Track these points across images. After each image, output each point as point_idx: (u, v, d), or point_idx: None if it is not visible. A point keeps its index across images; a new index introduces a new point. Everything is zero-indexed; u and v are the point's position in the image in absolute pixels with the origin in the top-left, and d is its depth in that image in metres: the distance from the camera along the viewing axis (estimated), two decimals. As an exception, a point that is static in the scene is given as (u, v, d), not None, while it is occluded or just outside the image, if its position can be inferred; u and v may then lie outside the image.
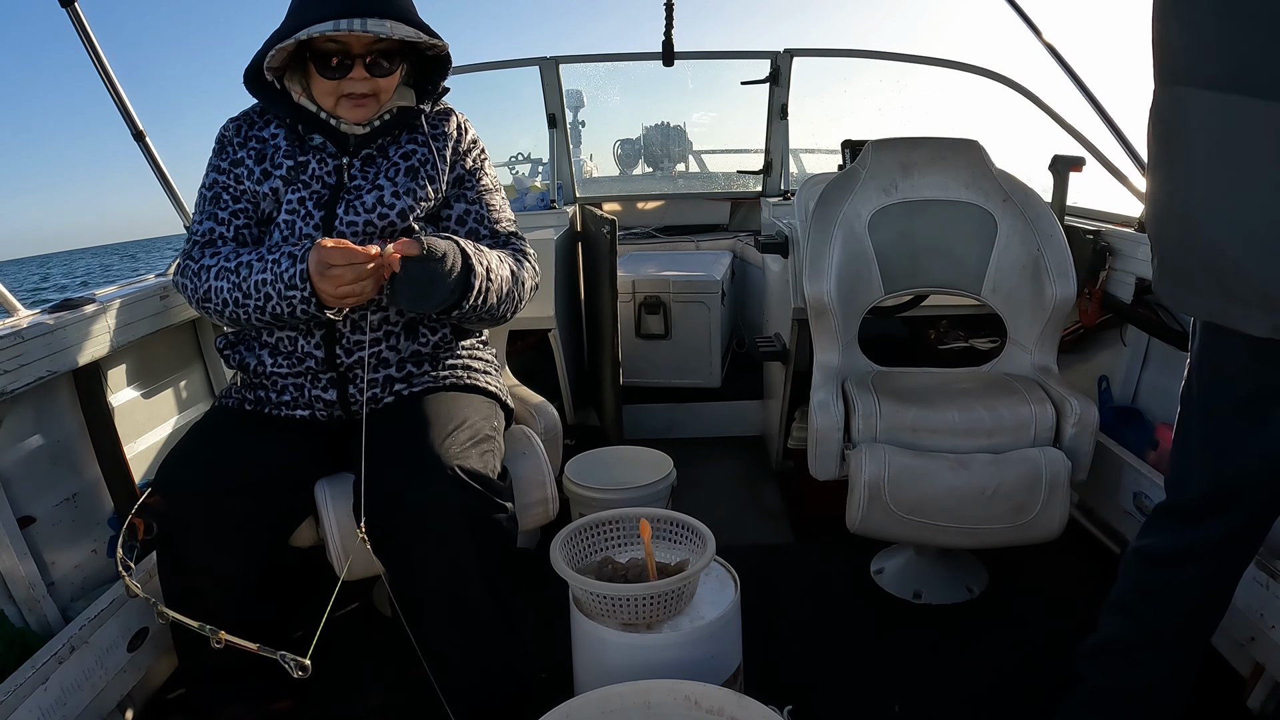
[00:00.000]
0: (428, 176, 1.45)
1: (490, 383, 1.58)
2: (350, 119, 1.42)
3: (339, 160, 1.44)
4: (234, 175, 1.46)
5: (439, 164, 1.46)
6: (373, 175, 1.43)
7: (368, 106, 1.41)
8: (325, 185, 1.42)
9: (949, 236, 1.94)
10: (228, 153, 1.47)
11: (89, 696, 1.36)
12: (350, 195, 1.42)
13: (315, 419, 1.49)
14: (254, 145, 1.46)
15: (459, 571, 1.30)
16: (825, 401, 1.73)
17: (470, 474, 1.30)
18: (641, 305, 2.99)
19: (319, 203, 1.41)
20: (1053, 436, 1.69)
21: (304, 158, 1.43)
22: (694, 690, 1.10)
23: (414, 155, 1.45)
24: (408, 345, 1.47)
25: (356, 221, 1.40)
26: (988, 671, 1.61)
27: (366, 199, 1.41)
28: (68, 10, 1.88)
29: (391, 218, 1.42)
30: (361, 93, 1.39)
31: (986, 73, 3.14)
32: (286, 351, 1.45)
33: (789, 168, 3.49)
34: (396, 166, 1.44)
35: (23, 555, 1.44)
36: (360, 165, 1.44)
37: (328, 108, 1.42)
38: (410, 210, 1.43)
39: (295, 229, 1.41)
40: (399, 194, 1.42)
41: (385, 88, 1.41)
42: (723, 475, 2.63)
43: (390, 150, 1.46)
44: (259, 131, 1.47)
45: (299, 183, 1.42)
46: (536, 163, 4.09)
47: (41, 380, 1.48)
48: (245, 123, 1.49)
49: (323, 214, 1.41)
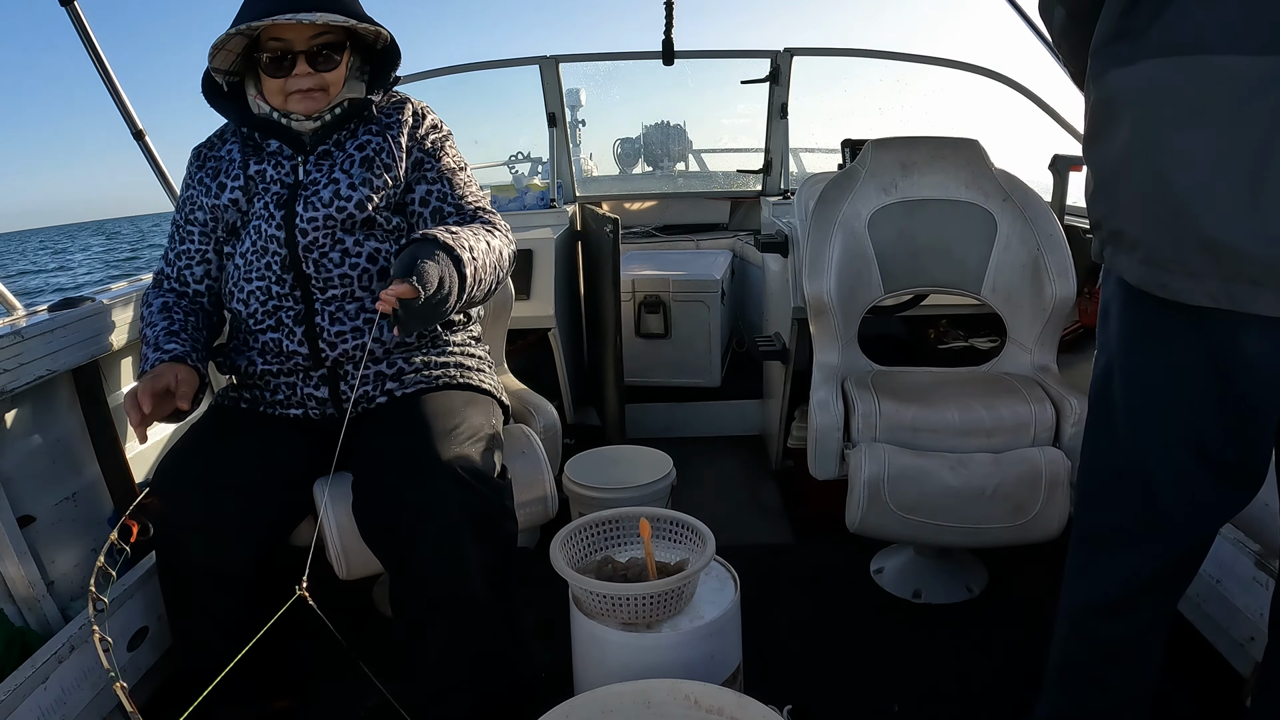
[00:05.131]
0: (383, 165, 1.46)
1: (485, 380, 1.58)
2: (300, 111, 1.43)
3: (294, 160, 1.46)
4: (193, 202, 1.51)
5: (394, 151, 1.47)
6: (328, 170, 1.45)
7: (316, 100, 1.43)
8: (284, 186, 1.45)
9: (949, 236, 1.94)
10: (190, 179, 1.53)
11: (89, 696, 1.36)
12: (307, 192, 1.43)
13: (309, 418, 1.49)
14: (211, 165, 1.50)
15: (459, 570, 1.30)
16: (825, 401, 1.73)
17: (469, 472, 1.30)
18: (641, 305, 2.99)
19: (279, 203, 1.43)
20: (1052, 436, 1.68)
21: (261, 165, 1.46)
22: (694, 690, 1.10)
23: (368, 146, 1.46)
24: (392, 337, 1.47)
25: (316, 217, 1.42)
26: (988, 671, 1.61)
27: (324, 194, 1.42)
28: (67, 9, 1.88)
29: (350, 210, 1.43)
30: (307, 87, 1.41)
31: (987, 72, 3.14)
32: (274, 352, 1.46)
33: (789, 167, 3.49)
34: (351, 159, 1.45)
35: (23, 555, 1.44)
36: (315, 161, 1.46)
37: (278, 105, 1.44)
38: (368, 200, 1.44)
39: (262, 232, 1.43)
40: (355, 185, 1.43)
41: (332, 80, 1.44)
42: (723, 475, 2.63)
43: (346, 144, 1.47)
44: (216, 151, 1.52)
45: (259, 189, 1.45)
46: (536, 162, 4.09)
47: (41, 380, 1.48)
48: (206, 146, 1.54)
49: (283, 213, 1.43)
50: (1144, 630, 1.09)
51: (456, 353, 1.58)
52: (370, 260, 1.45)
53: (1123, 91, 0.92)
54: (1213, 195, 0.86)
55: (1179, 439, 0.99)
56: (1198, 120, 0.86)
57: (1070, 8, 1.05)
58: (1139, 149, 0.91)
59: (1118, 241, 0.98)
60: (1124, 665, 1.11)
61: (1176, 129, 0.87)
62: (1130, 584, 1.07)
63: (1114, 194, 0.96)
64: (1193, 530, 1.04)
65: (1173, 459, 1.00)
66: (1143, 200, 0.92)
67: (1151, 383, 1.00)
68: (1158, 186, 0.89)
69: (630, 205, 3.83)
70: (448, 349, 1.57)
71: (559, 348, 2.49)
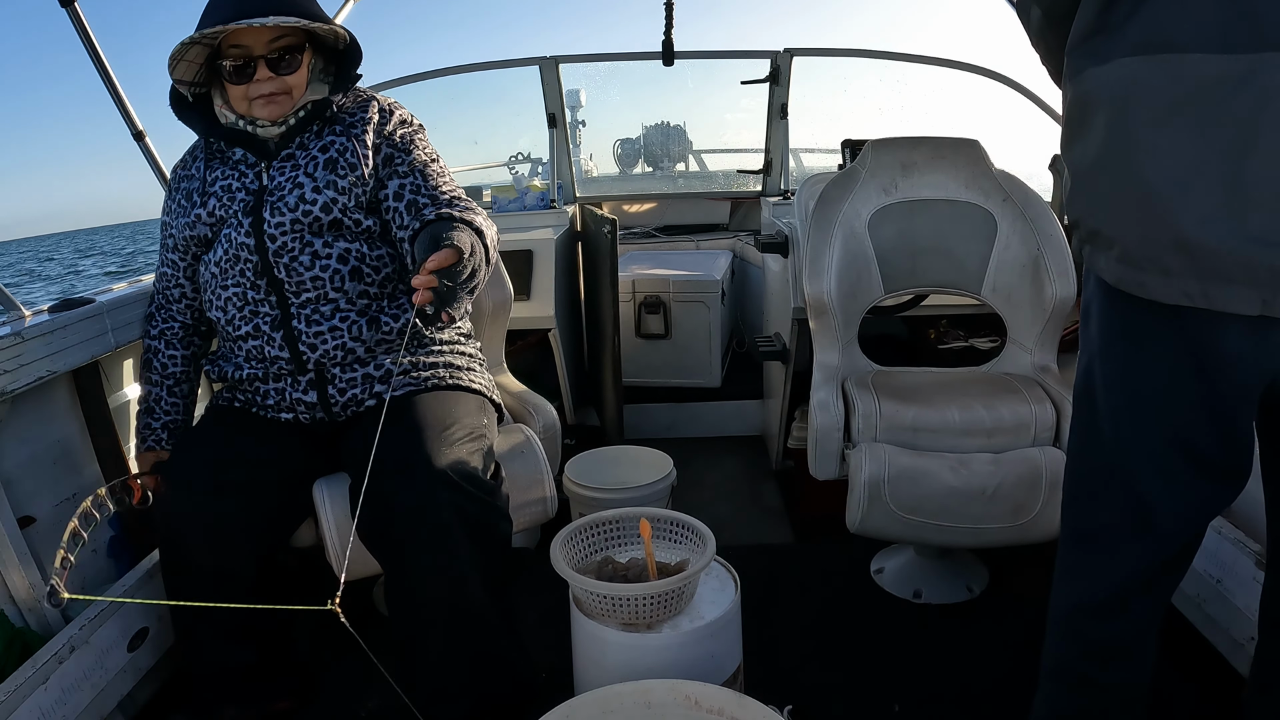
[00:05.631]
0: (348, 165, 1.45)
1: (475, 380, 1.57)
2: (264, 116, 1.43)
3: (258, 167, 1.46)
4: (169, 227, 1.55)
5: (359, 150, 1.46)
6: (292, 174, 1.44)
7: (280, 104, 1.43)
8: (250, 193, 1.45)
9: (949, 236, 1.94)
10: (167, 202, 1.56)
11: (89, 696, 1.36)
12: (273, 198, 1.43)
13: (299, 422, 1.49)
14: (184, 186, 1.52)
15: (455, 571, 1.30)
16: (825, 401, 1.73)
17: (461, 474, 1.30)
18: (641, 305, 2.99)
19: (246, 210, 1.44)
20: (1052, 436, 1.69)
21: (227, 175, 1.46)
22: (694, 690, 1.10)
23: (332, 147, 1.46)
24: (371, 335, 1.47)
25: (284, 222, 1.42)
26: (988, 671, 1.60)
27: (289, 199, 1.42)
28: (67, 10, 1.88)
29: (315, 213, 1.43)
30: (269, 91, 1.41)
31: (987, 72, 3.14)
32: (257, 358, 1.47)
33: (789, 167, 3.48)
34: (315, 160, 1.45)
35: (23, 555, 1.44)
36: (279, 165, 1.45)
37: (244, 112, 1.44)
38: (334, 202, 1.43)
39: (232, 240, 1.44)
40: (319, 188, 1.43)
41: (294, 84, 1.43)
42: (723, 475, 2.63)
43: (311, 145, 1.46)
44: (188, 170, 1.53)
45: (225, 199, 1.45)
46: (536, 162, 4.08)
47: (41, 380, 1.48)
48: (180, 166, 1.56)
49: (251, 220, 1.43)
50: (1136, 630, 1.08)
51: (446, 352, 1.57)
52: (341, 261, 1.45)
53: (1098, 90, 0.92)
54: (1188, 194, 0.86)
55: (1162, 437, 0.99)
56: (1173, 119, 0.86)
57: (1046, 8, 1.04)
58: (1114, 148, 0.91)
59: (1095, 240, 0.98)
60: (1118, 665, 1.10)
61: (1151, 128, 0.87)
62: (1120, 583, 1.06)
63: (1090, 193, 0.96)
64: (1181, 527, 1.03)
65: (1156, 457, 1.00)
66: (1118, 199, 0.92)
67: (1132, 382, 1.00)
68: (1133, 185, 0.89)
69: (630, 206, 3.83)
70: (435, 349, 1.56)
71: (559, 348, 2.49)
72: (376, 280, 1.49)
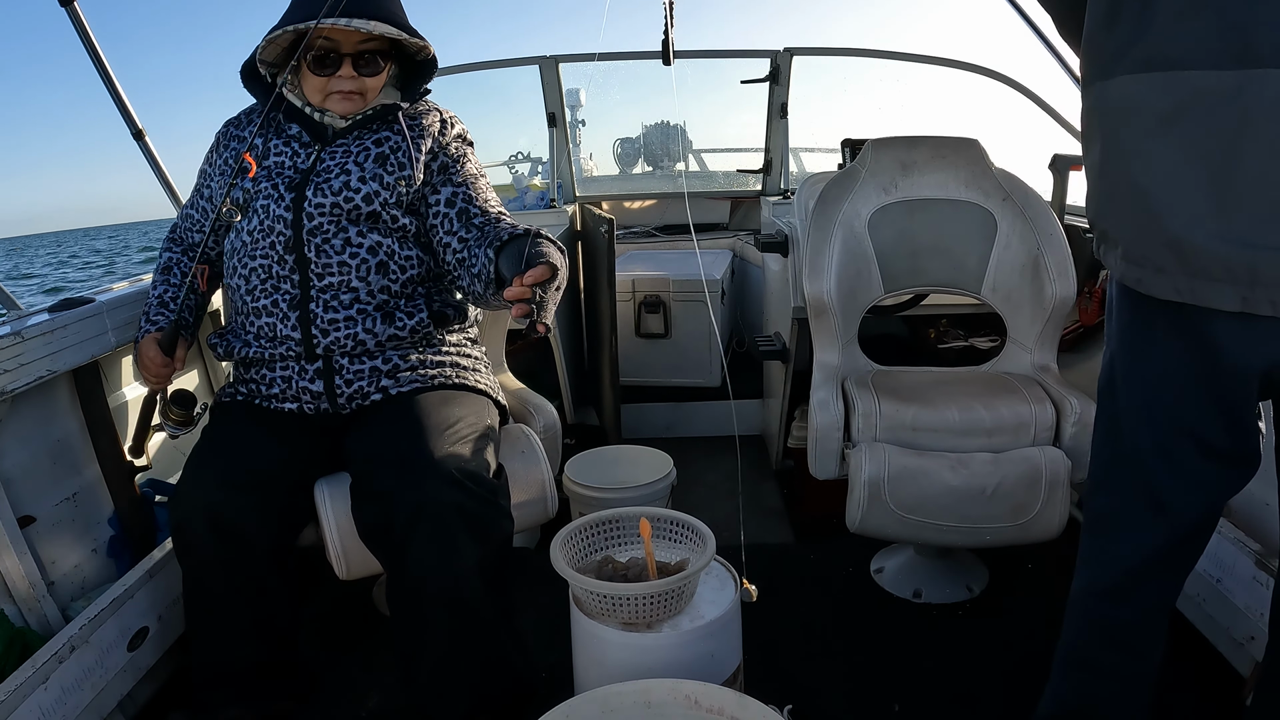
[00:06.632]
0: (398, 164, 1.48)
1: (480, 380, 1.59)
2: (337, 111, 1.47)
3: (311, 148, 1.49)
4: (207, 177, 1.58)
5: (412, 153, 1.49)
6: (342, 159, 1.47)
7: (354, 102, 1.47)
8: (298, 170, 1.48)
9: (949, 236, 1.94)
10: (212, 153, 1.58)
11: (89, 696, 1.36)
12: (319, 178, 1.46)
13: (304, 412, 1.49)
14: (234, 145, 1.54)
15: (456, 570, 1.30)
16: (825, 400, 1.73)
17: (464, 473, 1.31)
18: (641, 304, 2.99)
19: (290, 185, 1.46)
20: (1052, 436, 1.69)
21: (279, 148, 1.50)
22: (694, 690, 1.10)
23: (386, 143, 1.49)
24: (384, 329, 1.48)
25: (324, 204, 1.44)
26: (988, 671, 1.61)
27: (334, 182, 1.45)
28: (67, 10, 1.88)
29: (356, 201, 1.45)
30: (349, 89, 1.45)
31: (987, 71, 3.14)
32: (268, 336, 1.48)
33: (789, 166, 3.48)
34: (367, 152, 1.48)
35: (23, 555, 1.44)
36: (331, 151, 1.49)
37: (316, 103, 1.48)
38: (376, 195, 1.46)
39: (270, 211, 1.45)
40: (365, 179, 1.46)
41: (372, 86, 1.48)
42: (723, 475, 2.63)
43: (366, 138, 1.50)
44: (240, 131, 1.56)
45: (271, 168, 1.48)
46: (536, 162, 4.08)
47: (41, 380, 1.48)
48: (234, 124, 1.58)
49: (293, 196, 1.45)
50: (1146, 614, 1.12)
51: (452, 352, 1.58)
52: (370, 252, 1.47)
53: (1102, 103, 1.00)
54: (1178, 198, 0.93)
55: (1171, 426, 1.04)
56: (1168, 130, 0.92)
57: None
58: (1115, 155, 0.99)
59: (1106, 240, 1.06)
60: (1126, 649, 1.13)
61: (1148, 138, 0.94)
62: (1131, 567, 1.10)
63: (1099, 196, 1.04)
64: (1191, 510, 1.07)
65: (1167, 444, 1.05)
66: (1119, 202, 1.00)
67: (1142, 373, 1.06)
68: (1129, 189, 0.97)
69: (630, 205, 3.83)
70: (443, 349, 1.57)
71: (559, 348, 2.49)
72: (400, 279, 1.50)
